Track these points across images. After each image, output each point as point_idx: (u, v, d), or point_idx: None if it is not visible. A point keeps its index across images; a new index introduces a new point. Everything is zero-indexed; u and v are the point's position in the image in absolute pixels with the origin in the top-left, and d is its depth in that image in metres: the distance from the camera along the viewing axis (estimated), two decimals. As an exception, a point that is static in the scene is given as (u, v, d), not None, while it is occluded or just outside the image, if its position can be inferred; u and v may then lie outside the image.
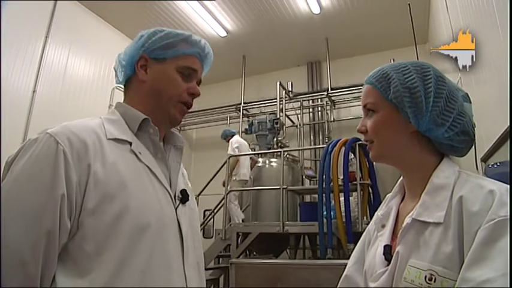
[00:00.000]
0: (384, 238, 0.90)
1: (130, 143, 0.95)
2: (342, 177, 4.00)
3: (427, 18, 6.05)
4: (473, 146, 2.38)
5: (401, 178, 0.96)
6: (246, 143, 5.81)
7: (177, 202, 0.99)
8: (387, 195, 1.00)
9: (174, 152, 1.09)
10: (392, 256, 0.83)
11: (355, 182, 4.03)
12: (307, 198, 6.15)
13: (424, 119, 0.85)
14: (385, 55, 6.27)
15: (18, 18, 4.85)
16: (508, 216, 0.69)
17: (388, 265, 0.84)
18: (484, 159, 3.03)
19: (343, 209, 3.87)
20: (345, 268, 1.04)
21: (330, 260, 3.65)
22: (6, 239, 0.74)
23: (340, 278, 1.04)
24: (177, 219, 0.96)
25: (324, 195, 4.05)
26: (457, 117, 0.86)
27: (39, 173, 0.80)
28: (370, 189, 4.05)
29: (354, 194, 4.24)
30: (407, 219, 0.84)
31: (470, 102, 0.91)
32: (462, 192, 0.78)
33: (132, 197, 0.86)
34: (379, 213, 0.98)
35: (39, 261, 0.76)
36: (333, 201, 4.01)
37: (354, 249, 1.06)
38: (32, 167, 0.80)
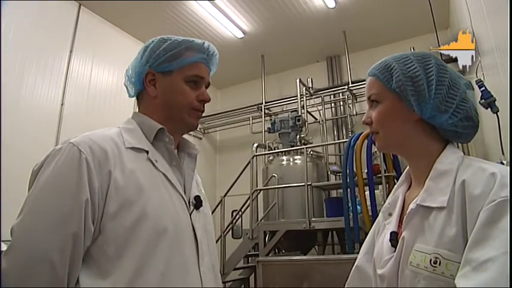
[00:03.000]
0: (391, 226, 0.91)
1: (147, 152, 0.99)
2: (366, 170, 3.96)
3: (447, 1, 5.86)
4: (499, 132, 2.30)
5: (408, 167, 0.97)
6: None
7: (191, 208, 1.02)
8: (395, 186, 1.01)
9: (188, 159, 1.12)
10: (398, 242, 0.84)
11: (379, 175, 3.97)
12: (334, 193, 6.10)
13: (428, 107, 0.86)
14: (405, 44, 6.14)
15: (43, 36, 5.07)
16: (509, 197, 0.69)
17: (394, 251, 0.85)
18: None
19: (369, 203, 3.83)
20: None
21: (356, 254, 3.61)
22: (36, 242, 0.80)
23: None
24: (192, 224, 0.99)
25: (348, 190, 4.02)
26: (460, 103, 0.87)
27: (64, 180, 0.85)
28: (395, 181, 3.97)
29: (380, 187, 4.19)
30: (412, 205, 0.85)
31: (473, 90, 0.91)
32: (465, 176, 0.79)
33: (150, 203, 0.90)
34: (386, 202, 0.99)
35: (67, 263, 0.80)
36: (358, 196, 3.97)
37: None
38: (58, 174, 0.86)
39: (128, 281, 0.83)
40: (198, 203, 1.05)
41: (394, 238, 0.87)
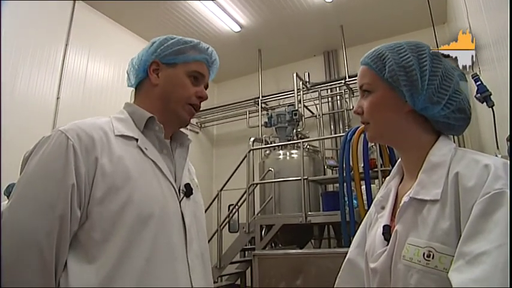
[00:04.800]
0: (384, 219, 0.90)
1: (137, 139, 1.01)
2: (362, 165, 3.97)
3: (444, -4, 5.85)
4: (494, 125, 2.29)
5: (400, 160, 0.96)
6: None
7: (181, 195, 1.04)
8: (387, 178, 1.00)
9: (180, 149, 1.15)
10: (391, 235, 0.84)
11: (376, 169, 3.98)
12: (330, 187, 6.12)
13: (420, 98, 0.85)
14: (402, 38, 5.93)
15: (38, 30, 5.04)
16: (503, 189, 0.69)
17: (387, 245, 0.84)
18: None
19: (365, 197, 3.84)
20: None
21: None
22: (24, 226, 0.82)
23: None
24: (181, 211, 1.00)
25: (345, 184, 4.03)
26: (453, 95, 0.85)
27: (51, 166, 0.87)
28: (391, 175, 3.97)
29: (376, 181, 4.20)
30: (405, 198, 0.84)
31: (466, 81, 0.89)
32: (458, 168, 0.78)
33: (137, 189, 0.92)
34: (379, 195, 0.98)
35: (54, 246, 0.82)
36: (354, 190, 3.98)
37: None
38: (46, 160, 0.88)
39: (112, 265, 0.85)
40: (188, 190, 1.06)
41: (387, 231, 0.86)
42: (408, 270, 0.77)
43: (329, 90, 7.27)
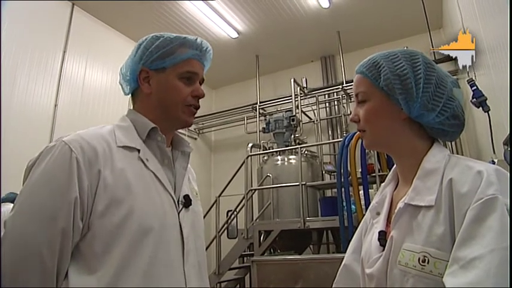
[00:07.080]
0: (379, 225, 0.91)
1: (139, 150, 1.00)
2: (360, 170, 3.97)
3: (440, 2, 5.90)
4: (490, 130, 2.31)
5: (395, 166, 0.98)
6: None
7: (180, 206, 1.04)
8: (382, 184, 1.01)
9: (181, 157, 1.13)
10: (386, 241, 0.85)
11: (373, 174, 3.99)
12: (329, 193, 6.12)
13: (415, 105, 0.86)
14: (399, 44, 6.16)
15: (36, 37, 5.04)
16: (496, 195, 0.70)
17: (383, 250, 0.85)
18: (507, 143, 2.95)
19: (363, 202, 3.84)
20: None
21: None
22: (26, 236, 0.82)
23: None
24: (179, 223, 1.01)
25: (343, 189, 4.03)
26: (447, 102, 0.87)
27: (55, 178, 0.87)
28: (389, 180, 3.98)
29: (374, 186, 4.21)
30: (400, 204, 0.85)
31: (460, 88, 0.91)
32: (452, 174, 0.79)
33: (137, 201, 0.92)
34: (374, 201, 0.99)
35: (56, 257, 0.83)
36: (353, 195, 3.99)
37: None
38: (49, 172, 0.88)
39: (111, 277, 0.85)
40: (187, 201, 1.06)
41: (383, 237, 0.87)
42: (404, 275, 0.78)
43: (326, 96, 7.29)
